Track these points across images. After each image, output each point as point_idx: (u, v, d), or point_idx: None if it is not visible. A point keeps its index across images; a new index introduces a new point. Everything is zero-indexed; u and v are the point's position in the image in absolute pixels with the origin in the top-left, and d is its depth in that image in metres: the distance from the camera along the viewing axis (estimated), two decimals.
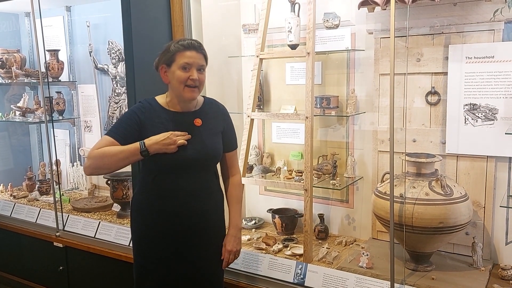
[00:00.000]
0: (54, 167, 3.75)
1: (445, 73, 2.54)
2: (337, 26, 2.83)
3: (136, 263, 2.15)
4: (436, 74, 2.59)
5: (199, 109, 2.11)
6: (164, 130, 1.99)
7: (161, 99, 2.08)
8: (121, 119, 2.07)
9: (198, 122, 2.07)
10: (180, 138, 1.97)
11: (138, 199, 2.10)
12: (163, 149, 1.95)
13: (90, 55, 3.86)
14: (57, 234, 3.28)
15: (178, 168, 2.01)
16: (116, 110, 3.77)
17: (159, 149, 1.95)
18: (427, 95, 2.63)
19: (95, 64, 3.87)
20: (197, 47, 2.00)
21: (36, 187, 4.05)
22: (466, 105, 2.49)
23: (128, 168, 2.50)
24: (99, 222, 3.17)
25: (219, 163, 2.21)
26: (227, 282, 2.49)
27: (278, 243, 2.90)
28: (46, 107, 3.63)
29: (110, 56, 3.72)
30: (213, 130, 2.11)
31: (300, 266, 2.43)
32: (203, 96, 2.19)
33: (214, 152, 2.09)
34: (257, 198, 3.43)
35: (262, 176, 3.08)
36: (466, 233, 2.54)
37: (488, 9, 2.38)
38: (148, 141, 1.95)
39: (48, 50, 3.84)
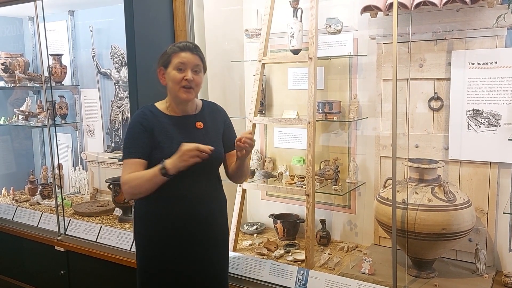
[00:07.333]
0: (56, 171, 3.76)
1: (448, 79, 2.54)
2: (339, 32, 2.83)
3: (140, 269, 2.13)
4: (438, 79, 2.58)
5: (199, 113, 2.12)
6: (167, 134, 2.00)
7: (160, 105, 2.09)
8: (130, 135, 2.03)
9: (199, 125, 2.08)
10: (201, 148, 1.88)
11: (143, 204, 2.09)
12: (186, 162, 1.87)
13: (93, 60, 3.87)
14: (59, 238, 3.27)
15: (182, 172, 2.00)
16: (118, 114, 3.77)
17: (182, 162, 1.87)
18: (429, 100, 2.62)
19: (98, 69, 3.88)
20: (192, 49, 2.01)
21: (38, 191, 4.05)
22: (469, 111, 2.48)
23: None
24: (101, 226, 3.16)
25: (222, 165, 2.20)
26: None
27: (280, 249, 2.89)
28: (48, 111, 3.63)
29: (113, 60, 3.72)
30: (214, 133, 2.12)
31: (301, 272, 2.42)
32: (201, 100, 2.20)
33: (217, 154, 2.08)
34: (259, 203, 3.43)
35: (264, 181, 3.08)
36: (469, 239, 2.52)
37: (491, 15, 2.37)
38: (169, 160, 1.89)
39: (51, 55, 3.85)
